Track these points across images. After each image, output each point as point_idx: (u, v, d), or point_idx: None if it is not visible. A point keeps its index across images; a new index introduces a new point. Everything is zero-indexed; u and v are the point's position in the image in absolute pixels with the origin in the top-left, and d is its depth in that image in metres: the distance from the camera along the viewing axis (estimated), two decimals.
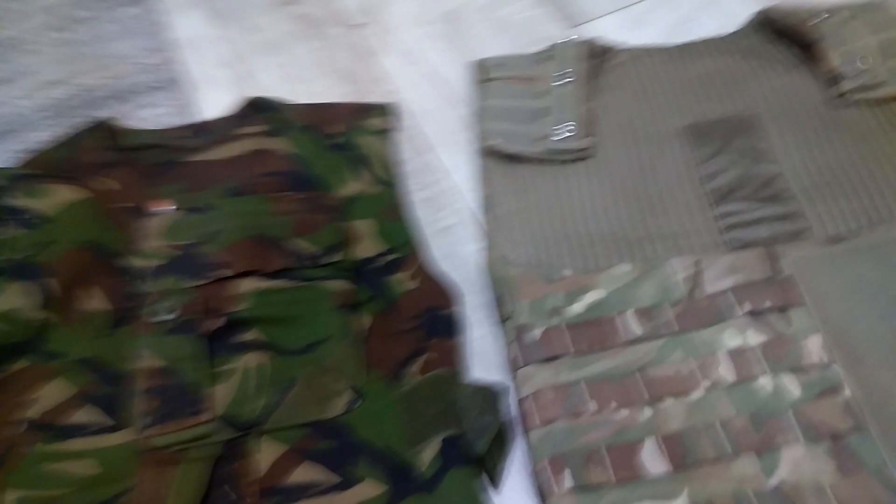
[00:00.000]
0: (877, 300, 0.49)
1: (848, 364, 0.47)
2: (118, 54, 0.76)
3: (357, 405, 0.51)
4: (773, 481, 0.44)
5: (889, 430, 0.44)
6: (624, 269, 0.53)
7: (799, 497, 0.43)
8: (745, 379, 0.48)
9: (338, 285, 0.55)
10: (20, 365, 0.53)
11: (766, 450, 0.45)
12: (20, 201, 0.60)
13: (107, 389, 0.52)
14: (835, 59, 0.61)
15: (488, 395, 0.49)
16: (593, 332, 0.51)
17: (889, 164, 0.56)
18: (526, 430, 0.49)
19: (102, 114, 0.72)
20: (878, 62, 0.60)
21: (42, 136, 0.70)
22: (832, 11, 0.63)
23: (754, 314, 0.50)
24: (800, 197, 0.56)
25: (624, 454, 0.46)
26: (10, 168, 0.64)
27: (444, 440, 0.48)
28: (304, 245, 0.57)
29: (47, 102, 0.73)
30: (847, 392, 0.46)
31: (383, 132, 0.65)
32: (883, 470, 0.43)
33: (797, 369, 0.47)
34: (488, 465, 0.48)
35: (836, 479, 0.44)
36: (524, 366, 0.50)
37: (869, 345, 0.48)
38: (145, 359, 0.52)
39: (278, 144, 0.63)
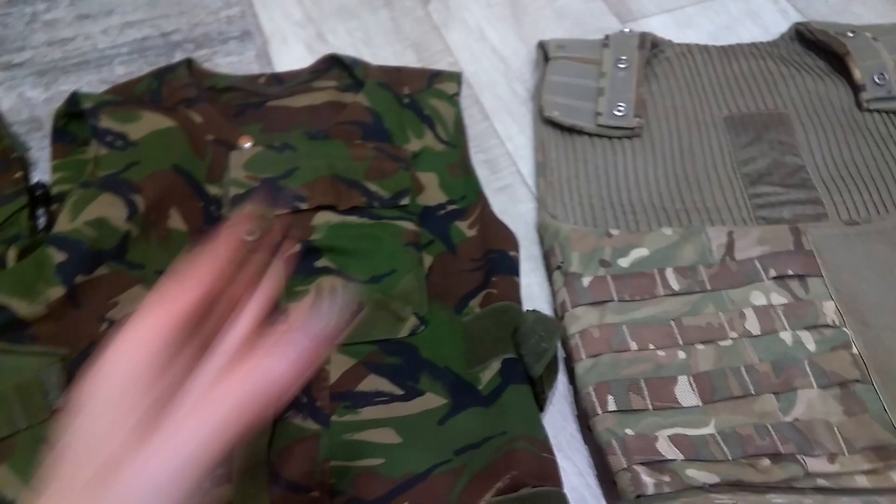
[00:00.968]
0: (883, 276, 0.57)
1: (856, 327, 0.54)
2: (196, 3, 0.82)
3: (421, 330, 0.57)
4: (789, 418, 0.51)
5: (889, 382, 0.52)
6: (666, 232, 0.60)
7: (810, 431, 0.50)
8: (767, 332, 0.55)
9: (404, 225, 0.61)
10: (103, 271, 0.57)
11: (784, 391, 0.52)
12: (107, 123, 0.65)
13: None
14: (857, 72, 0.69)
15: (548, 324, 0.55)
16: (637, 283, 0.58)
17: None
18: (573, 363, 0.55)
19: (178, 57, 0.77)
20: (894, 79, 0.68)
21: (120, 72, 0.75)
22: (857, 31, 0.71)
23: (778, 280, 0.57)
24: (819, 186, 0.63)
25: (661, 387, 0.53)
26: (98, 93, 0.69)
27: (504, 361, 0.54)
28: (375, 188, 0.63)
29: (125, 41, 0.78)
30: (854, 349, 0.53)
31: (450, 97, 0.71)
32: (882, 414, 0.51)
33: (813, 328, 0.55)
34: (538, 388, 0.54)
35: (842, 419, 0.51)
36: (573, 308, 0.57)
37: (875, 312, 0.55)
38: None
39: (353, 98, 0.69)
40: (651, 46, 0.73)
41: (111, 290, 0.57)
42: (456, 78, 0.73)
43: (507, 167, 0.69)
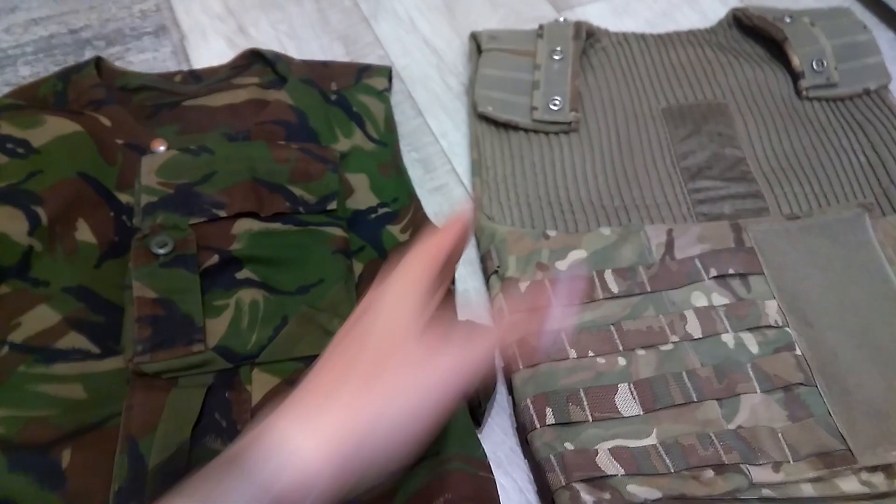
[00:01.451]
0: (826, 272, 0.55)
1: (799, 326, 0.53)
2: None
3: None
4: (733, 425, 0.49)
5: (832, 385, 0.50)
6: (604, 233, 0.57)
7: (755, 439, 0.48)
8: (709, 335, 0.53)
9: (332, 231, 0.58)
10: (3, 290, 0.53)
11: (727, 397, 0.50)
12: (6, 130, 0.60)
13: (95, 317, 0.53)
14: (795, 59, 0.67)
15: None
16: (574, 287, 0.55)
17: (838, 156, 0.63)
18: (510, 373, 0.53)
19: (89, 55, 0.72)
20: (832, 66, 0.67)
21: (24, 73, 0.70)
22: (794, 17, 0.70)
23: (719, 279, 0.55)
24: (760, 179, 0.62)
25: (600, 396, 0.51)
26: (1, 97, 0.64)
27: None
28: (300, 192, 0.59)
29: (31, 39, 0.73)
30: (798, 350, 0.52)
31: (379, 92, 0.67)
32: (827, 419, 0.49)
33: (755, 329, 0.53)
34: (474, 403, 0.52)
35: (786, 424, 0.49)
36: (510, 315, 0.54)
37: (818, 311, 0.53)
38: (138, 289, 0.53)
39: (276, 95, 0.65)
40: (587, 36, 0.70)
41: (13, 310, 0.52)
42: (386, 72, 0.69)
43: (442, 166, 0.66)
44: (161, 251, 0.55)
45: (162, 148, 0.61)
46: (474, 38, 0.71)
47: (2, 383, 0.49)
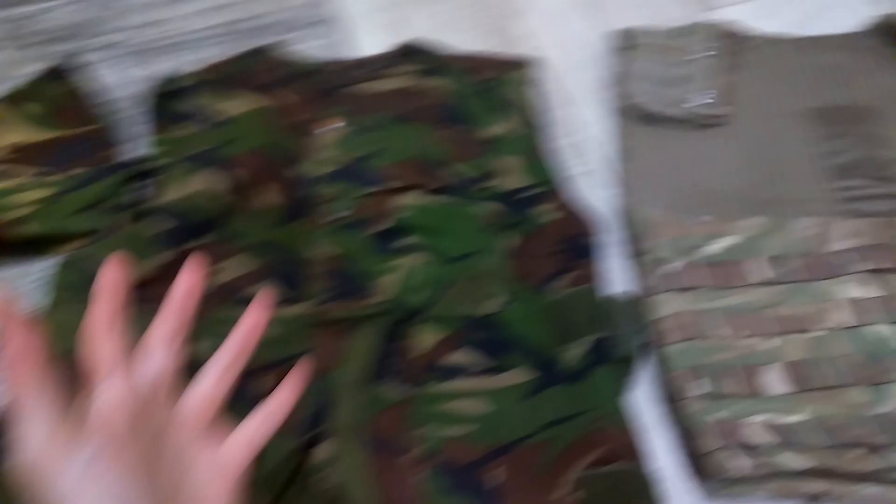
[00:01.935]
0: None
1: None
2: None
3: (508, 307, 0.57)
4: (882, 409, 0.51)
5: None
6: (758, 221, 0.60)
7: None
8: (863, 324, 0.54)
9: (490, 207, 0.62)
10: (208, 239, 0.60)
11: (878, 383, 0.52)
12: (206, 102, 0.67)
13: (286, 268, 0.59)
14: None
15: (640, 307, 0.56)
16: (729, 270, 0.58)
17: None
18: (662, 345, 0.55)
19: (265, 41, 0.78)
20: None
21: (211, 53, 0.77)
22: None
23: (874, 273, 0.57)
24: None
25: (752, 373, 0.53)
26: (196, 72, 0.71)
27: (593, 341, 0.55)
28: (462, 169, 0.64)
29: (216, 23, 0.80)
30: None
31: (526, 82, 0.71)
32: None
33: None
34: (627, 369, 0.55)
35: None
36: (663, 293, 0.57)
37: None
38: (324, 247, 0.59)
39: (431, 83, 0.70)
40: (737, 35, 0.72)
41: (215, 257, 0.59)
42: (535, 63, 0.73)
43: (591, 152, 0.69)
44: (340, 215, 0.61)
45: (339, 125, 0.67)
46: (626, 33, 0.74)
47: (205, 320, 0.55)
